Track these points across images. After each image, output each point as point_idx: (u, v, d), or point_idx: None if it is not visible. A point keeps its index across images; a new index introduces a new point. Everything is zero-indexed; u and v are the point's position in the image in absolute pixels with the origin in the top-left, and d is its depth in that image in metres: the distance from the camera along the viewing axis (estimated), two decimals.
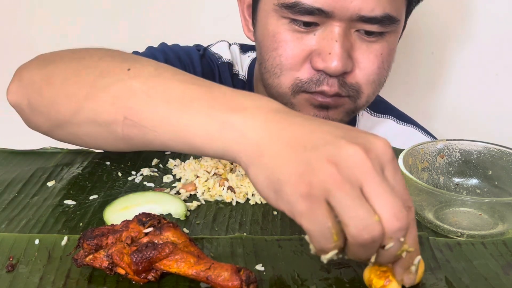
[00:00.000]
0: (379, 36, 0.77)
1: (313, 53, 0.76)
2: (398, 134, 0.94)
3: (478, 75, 1.21)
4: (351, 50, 0.77)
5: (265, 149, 0.48)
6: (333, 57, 0.74)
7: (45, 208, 0.62)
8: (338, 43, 0.74)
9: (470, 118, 1.24)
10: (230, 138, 0.50)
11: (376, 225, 0.44)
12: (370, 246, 0.44)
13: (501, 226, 0.58)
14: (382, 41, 0.78)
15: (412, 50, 1.20)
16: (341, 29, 0.74)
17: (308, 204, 0.44)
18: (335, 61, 0.74)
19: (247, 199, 0.64)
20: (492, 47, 1.18)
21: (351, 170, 0.45)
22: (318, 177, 0.44)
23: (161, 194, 0.63)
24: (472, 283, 0.49)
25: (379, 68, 0.79)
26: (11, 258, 0.51)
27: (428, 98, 1.25)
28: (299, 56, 0.77)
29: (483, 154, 0.65)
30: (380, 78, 0.81)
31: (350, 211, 0.44)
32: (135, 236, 0.49)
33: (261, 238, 0.54)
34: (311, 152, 0.46)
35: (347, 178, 0.44)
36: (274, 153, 0.47)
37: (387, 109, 0.97)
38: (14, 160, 0.73)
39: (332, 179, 0.44)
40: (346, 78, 0.78)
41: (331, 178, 0.44)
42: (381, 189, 0.45)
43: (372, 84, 0.80)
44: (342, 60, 0.74)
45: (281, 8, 0.75)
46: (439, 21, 1.19)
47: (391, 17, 0.75)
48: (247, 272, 0.45)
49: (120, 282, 0.48)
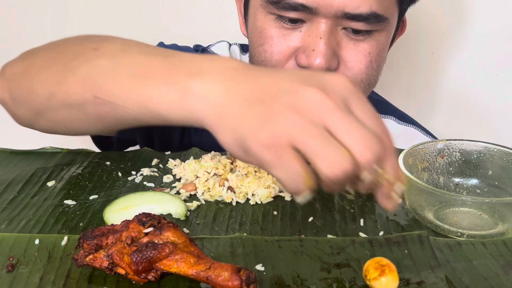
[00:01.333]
0: (367, 35, 0.76)
1: (299, 50, 0.76)
2: (399, 134, 0.94)
3: (478, 75, 1.21)
4: (338, 48, 0.76)
5: (227, 109, 0.49)
6: (317, 54, 0.74)
7: (45, 208, 0.62)
8: (322, 40, 0.74)
9: (470, 118, 1.24)
10: (192, 104, 0.51)
11: (346, 160, 0.44)
12: (345, 180, 0.45)
13: (501, 226, 0.58)
14: (370, 40, 0.77)
15: (412, 50, 1.20)
16: (326, 26, 0.74)
17: (274, 153, 0.45)
18: (319, 58, 0.74)
19: (247, 199, 0.64)
20: (492, 47, 1.18)
21: (312, 112, 0.45)
22: (279, 126, 0.45)
23: (161, 194, 0.63)
24: (472, 283, 0.49)
25: (367, 68, 0.78)
26: (11, 258, 0.51)
27: (428, 98, 1.25)
28: (284, 53, 0.77)
29: (483, 154, 0.65)
30: (369, 78, 0.79)
31: (318, 152, 0.44)
32: (135, 236, 0.49)
33: (261, 238, 0.54)
34: (270, 102, 0.47)
35: (309, 120, 0.45)
36: (235, 112, 0.48)
37: (387, 110, 0.97)
38: (14, 160, 0.73)
39: (293, 124, 0.45)
40: None
41: (293, 123, 0.45)
42: (346, 124, 0.45)
43: (360, 84, 0.79)
44: (326, 57, 0.74)
45: (267, 4, 0.75)
46: (439, 21, 1.19)
47: (378, 15, 0.74)
48: (247, 272, 0.45)
49: (120, 282, 0.48)
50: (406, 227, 0.59)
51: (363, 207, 0.63)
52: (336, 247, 0.53)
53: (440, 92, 1.24)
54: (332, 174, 0.44)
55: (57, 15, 1.27)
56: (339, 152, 0.44)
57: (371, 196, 0.65)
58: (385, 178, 0.46)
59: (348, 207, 0.63)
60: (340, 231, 0.58)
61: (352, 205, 0.63)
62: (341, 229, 0.58)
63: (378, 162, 0.46)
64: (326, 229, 0.58)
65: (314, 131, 0.45)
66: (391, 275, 0.46)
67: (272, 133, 0.45)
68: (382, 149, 0.46)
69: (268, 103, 0.47)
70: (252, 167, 0.67)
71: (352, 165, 0.45)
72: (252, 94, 0.48)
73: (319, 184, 0.46)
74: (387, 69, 1.16)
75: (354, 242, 0.53)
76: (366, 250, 0.52)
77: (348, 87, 0.48)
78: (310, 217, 0.60)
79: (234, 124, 0.48)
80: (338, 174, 0.44)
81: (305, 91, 0.46)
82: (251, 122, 0.47)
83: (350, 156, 0.45)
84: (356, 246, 0.53)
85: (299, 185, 0.45)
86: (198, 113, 0.51)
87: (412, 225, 0.59)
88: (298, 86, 0.47)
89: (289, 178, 0.45)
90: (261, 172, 0.67)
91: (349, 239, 0.54)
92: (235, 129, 0.48)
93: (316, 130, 0.45)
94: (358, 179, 0.46)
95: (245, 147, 0.47)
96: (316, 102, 0.46)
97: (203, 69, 0.52)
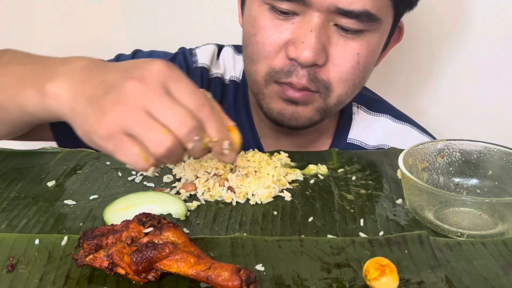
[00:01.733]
0: (357, 34, 0.76)
1: (289, 42, 0.76)
2: (395, 133, 0.93)
3: (478, 75, 1.21)
4: (327, 44, 0.76)
5: (75, 107, 0.57)
6: (306, 46, 0.74)
7: (45, 208, 0.62)
8: (313, 33, 0.74)
9: (470, 118, 1.24)
10: (50, 104, 0.60)
11: (166, 138, 0.53)
12: (173, 154, 0.54)
13: (501, 226, 0.58)
14: (360, 40, 0.77)
15: (412, 50, 1.20)
16: (319, 20, 0.74)
17: (112, 142, 0.54)
18: (307, 51, 0.74)
19: (247, 199, 0.64)
20: (492, 47, 1.18)
21: (133, 102, 0.53)
22: (110, 119, 0.53)
23: (161, 194, 0.63)
24: (472, 283, 0.49)
25: (353, 68, 0.78)
26: (11, 258, 0.51)
27: (428, 98, 1.25)
28: (275, 44, 0.77)
29: (483, 154, 0.65)
30: (354, 78, 0.79)
31: (143, 135, 0.53)
32: (135, 236, 0.49)
33: (261, 238, 0.54)
34: (102, 99, 0.55)
35: (133, 109, 0.53)
36: (80, 111, 0.56)
37: (383, 108, 0.96)
38: (14, 160, 0.73)
39: (121, 115, 0.53)
40: (317, 73, 0.77)
41: (121, 115, 0.53)
42: (162, 106, 0.53)
43: (345, 83, 0.78)
44: (315, 50, 0.74)
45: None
46: (439, 21, 1.19)
47: (370, 14, 0.74)
48: (247, 272, 0.45)
49: (120, 282, 0.48)
50: (406, 227, 0.59)
51: (363, 207, 0.63)
52: (336, 247, 0.53)
53: (440, 92, 1.24)
54: (159, 152, 0.53)
55: (58, 15, 1.27)
56: (159, 133, 0.53)
57: (371, 196, 0.65)
58: (212, 141, 0.55)
59: (348, 207, 0.63)
60: (340, 231, 0.58)
61: (352, 205, 0.63)
62: (341, 229, 0.58)
63: (198, 132, 0.54)
64: (326, 229, 0.58)
65: (138, 118, 0.53)
66: (391, 275, 0.46)
67: (106, 127, 0.53)
68: (197, 121, 0.54)
69: (101, 100, 0.55)
70: (252, 167, 0.67)
71: (173, 141, 0.53)
72: (93, 92, 0.56)
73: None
74: (387, 69, 1.17)
75: (354, 242, 0.53)
76: (366, 250, 0.52)
77: (164, 72, 0.55)
78: (310, 217, 0.60)
79: (80, 122, 0.56)
80: (163, 152, 0.53)
81: (125, 84, 0.54)
82: (91, 119, 0.55)
83: (170, 134, 0.53)
84: (356, 246, 0.53)
85: (141, 164, 0.54)
86: (57, 112, 0.59)
87: (412, 225, 0.59)
88: (120, 81, 0.55)
89: (132, 160, 0.54)
90: (261, 172, 0.67)
91: (349, 239, 0.54)
92: (81, 126, 0.56)
93: (139, 117, 0.53)
94: (186, 149, 0.55)
95: (93, 141, 0.55)
96: (135, 93, 0.54)
97: (57, 72, 0.60)
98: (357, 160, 0.74)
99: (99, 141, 0.54)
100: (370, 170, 0.71)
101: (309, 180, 0.68)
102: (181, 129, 0.53)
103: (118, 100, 0.54)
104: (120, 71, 0.57)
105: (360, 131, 0.93)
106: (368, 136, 0.93)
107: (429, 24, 1.18)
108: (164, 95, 0.54)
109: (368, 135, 0.93)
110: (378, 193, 0.66)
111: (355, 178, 0.69)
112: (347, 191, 0.66)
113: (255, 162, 0.68)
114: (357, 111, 0.95)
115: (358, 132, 0.93)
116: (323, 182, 0.68)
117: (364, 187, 0.67)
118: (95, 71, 0.59)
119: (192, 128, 0.53)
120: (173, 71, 0.56)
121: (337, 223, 0.60)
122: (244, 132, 0.69)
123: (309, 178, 0.69)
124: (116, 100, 0.54)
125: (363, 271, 0.47)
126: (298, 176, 0.69)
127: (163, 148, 0.53)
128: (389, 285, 0.46)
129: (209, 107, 0.55)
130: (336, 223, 0.60)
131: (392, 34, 0.84)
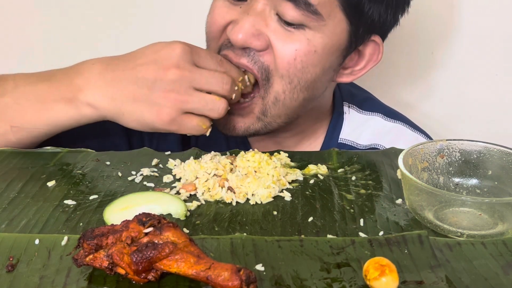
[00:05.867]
0: (297, 29, 0.75)
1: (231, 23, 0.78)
2: (387, 131, 0.92)
3: (478, 75, 1.21)
4: (267, 31, 0.76)
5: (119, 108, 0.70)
6: (239, 28, 0.75)
7: (45, 208, 0.62)
8: (249, 16, 0.75)
9: (470, 118, 1.24)
10: (87, 113, 0.71)
11: (221, 102, 0.71)
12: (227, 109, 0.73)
13: (501, 226, 0.58)
14: (300, 35, 0.75)
15: (412, 50, 1.20)
16: (261, 6, 0.75)
17: (175, 124, 0.70)
18: (238, 31, 0.75)
19: (247, 199, 0.64)
20: (492, 47, 1.18)
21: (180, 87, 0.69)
22: (169, 107, 0.69)
23: (161, 194, 0.63)
24: (472, 283, 0.49)
25: (289, 64, 0.76)
26: (11, 258, 0.51)
27: (428, 98, 1.25)
28: (218, 24, 0.79)
29: (483, 154, 0.65)
30: (290, 75, 0.77)
31: (201, 108, 0.70)
32: (135, 236, 0.49)
33: (261, 238, 0.54)
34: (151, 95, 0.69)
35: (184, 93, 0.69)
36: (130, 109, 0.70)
37: (375, 107, 0.95)
38: (14, 160, 0.73)
39: (176, 101, 0.69)
40: (260, 56, 0.77)
41: (176, 101, 0.69)
42: (203, 78, 0.70)
43: (281, 79, 0.77)
44: (246, 32, 0.75)
45: None
46: (439, 21, 1.19)
47: (308, 3, 0.73)
48: (247, 272, 0.45)
49: (120, 282, 0.48)
50: (406, 227, 0.59)
51: (363, 207, 0.63)
52: (336, 247, 0.53)
53: (439, 92, 1.24)
54: (220, 115, 0.72)
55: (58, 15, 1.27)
56: (215, 101, 0.71)
57: (371, 196, 0.65)
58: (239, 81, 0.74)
59: (348, 207, 0.63)
60: (340, 231, 0.58)
61: (352, 205, 0.63)
62: (341, 229, 0.58)
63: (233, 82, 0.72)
64: (326, 229, 0.58)
65: (192, 98, 0.69)
66: (391, 275, 0.46)
67: (168, 114, 0.69)
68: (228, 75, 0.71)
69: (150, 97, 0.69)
70: (252, 167, 0.67)
71: (225, 101, 0.71)
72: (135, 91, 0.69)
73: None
74: (387, 69, 1.17)
75: (354, 242, 0.53)
76: (366, 250, 0.52)
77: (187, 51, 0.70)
78: (310, 217, 0.60)
79: (135, 117, 0.70)
80: (221, 111, 0.72)
81: (167, 75, 0.68)
82: (148, 113, 0.69)
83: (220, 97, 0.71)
84: (356, 246, 0.53)
85: (202, 131, 0.72)
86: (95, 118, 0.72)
87: (412, 225, 0.59)
88: (158, 73, 0.69)
89: (193, 131, 0.72)
90: (261, 172, 0.67)
91: (349, 239, 0.54)
92: (138, 120, 0.70)
93: (192, 97, 0.69)
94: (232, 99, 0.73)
95: (153, 128, 0.71)
96: (177, 79, 0.68)
97: (80, 84, 0.70)
98: (357, 160, 0.74)
99: (163, 127, 0.70)
100: (370, 170, 0.71)
101: (309, 180, 0.69)
102: (225, 88, 0.71)
103: (168, 90, 0.68)
104: (148, 63, 0.69)
105: (351, 131, 0.92)
106: (360, 136, 0.92)
107: (429, 24, 1.18)
108: (198, 70, 0.69)
109: (359, 134, 0.92)
110: (378, 193, 0.66)
111: (355, 178, 0.69)
112: (347, 191, 0.66)
113: (255, 162, 0.68)
114: (348, 110, 0.94)
115: (349, 132, 0.92)
116: (323, 182, 0.68)
117: (364, 187, 0.67)
118: (116, 70, 0.70)
119: (231, 83, 0.71)
120: (190, 46, 0.70)
121: (337, 223, 0.60)
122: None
123: (309, 178, 0.69)
124: (167, 90, 0.68)
125: (363, 271, 0.47)
126: (298, 176, 0.69)
127: (223, 110, 0.71)
128: (389, 285, 0.46)
129: (223, 59, 0.73)
130: (336, 223, 0.60)
131: (355, 48, 0.82)
